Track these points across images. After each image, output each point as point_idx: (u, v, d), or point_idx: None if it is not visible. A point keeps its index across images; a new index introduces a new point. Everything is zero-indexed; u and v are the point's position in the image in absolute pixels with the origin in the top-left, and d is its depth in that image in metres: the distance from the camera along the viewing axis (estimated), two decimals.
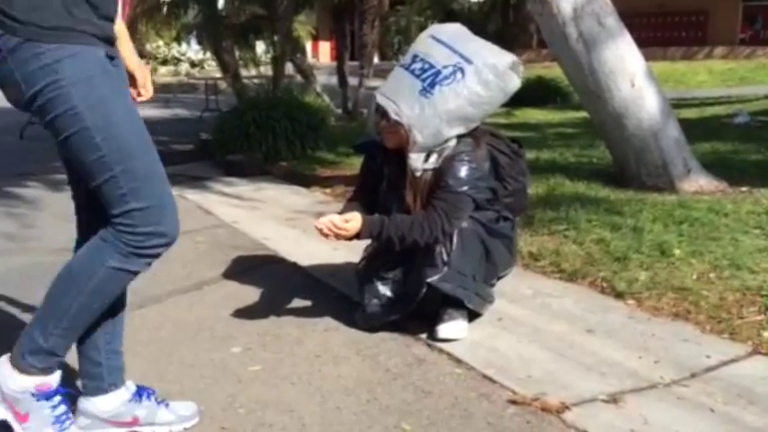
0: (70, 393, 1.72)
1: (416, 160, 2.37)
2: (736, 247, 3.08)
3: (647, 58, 4.41)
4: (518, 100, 12.52)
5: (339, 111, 10.10)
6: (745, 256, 2.96)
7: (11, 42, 1.40)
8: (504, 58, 2.41)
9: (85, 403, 1.74)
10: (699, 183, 4.24)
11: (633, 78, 4.14)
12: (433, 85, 2.33)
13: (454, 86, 2.32)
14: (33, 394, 1.59)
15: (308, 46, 26.87)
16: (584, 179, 4.58)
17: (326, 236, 2.29)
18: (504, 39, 12.38)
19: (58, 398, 1.63)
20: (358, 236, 2.32)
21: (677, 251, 3.08)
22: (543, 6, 4.16)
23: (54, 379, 1.62)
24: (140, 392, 1.80)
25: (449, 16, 14.13)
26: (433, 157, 2.38)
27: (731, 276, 2.78)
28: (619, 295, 2.73)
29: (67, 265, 1.58)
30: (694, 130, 6.77)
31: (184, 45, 21.11)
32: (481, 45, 2.48)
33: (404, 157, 2.39)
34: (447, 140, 2.37)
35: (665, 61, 19.55)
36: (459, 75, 2.34)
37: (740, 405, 1.90)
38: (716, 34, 22.47)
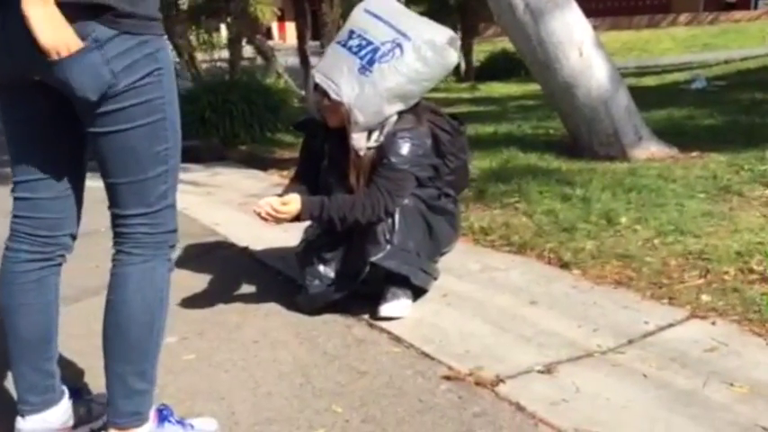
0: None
1: (359, 140, 2.34)
2: (681, 213, 3.10)
3: (613, 27, 4.45)
4: (484, 74, 12.65)
5: (302, 92, 9.99)
6: (689, 221, 2.98)
7: (108, 33, 1.33)
8: (441, 33, 2.39)
9: (32, 422, 1.58)
10: (650, 150, 4.26)
11: (581, 47, 4.13)
12: (371, 62, 2.29)
13: (393, 63, 2.29)
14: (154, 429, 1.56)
15: (275, 27, 26.54)
16: (539, 151, 4.58)
17: (265, 220, 2.25)
18: (467, 12, 12.35)
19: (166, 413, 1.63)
20: (298, 218, 2.29)
21: (623, 219, 3.09)
22: None
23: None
24: (75, 392, 1.72)
25: None
26: (375, 135, 2.35)
27: (675, 242, 2.80)
28: (564, 265, 2.73)
29: (125, 311, 1.48)
30: (652, 97, 6.82)
31: None
32: (417, 20, 2.45)
33: (345, 134, 2.35)
34: (388, 118, 2.34)
35: (631, 30, 19.64)
36: (397, 51, 2.30)
37: (673, 369, 1.91)
38: (679, 1, 22.60)
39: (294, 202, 2.26)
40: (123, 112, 1.39)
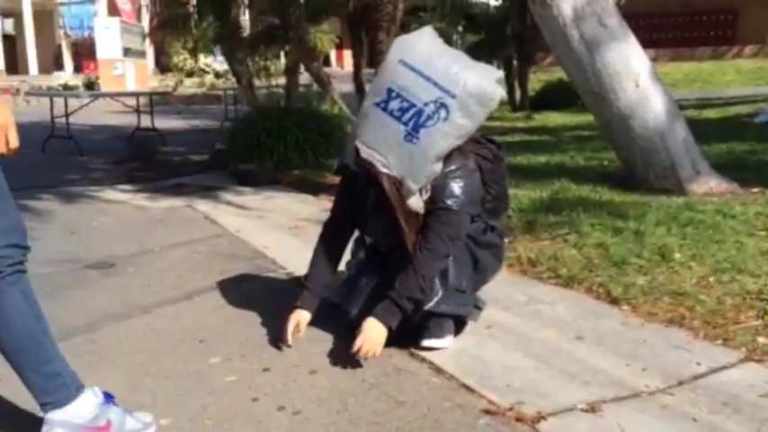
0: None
1: (416, 203, 2.23)
2: (739, 250, 2.99)
3: (675, 58, 4.37)
4: (539, 103, 12.55)
5: (354, 118, 10.09)
6: (747, 260, 2.87)
7: None
8: (487, 78, 2.20)
9: (57, 415, 1.68)
10: (709, 184, 4.13)
11: (638, 79, 4.06)
12: (416, 128, 2.13)
13: (440, 126, 2.13)
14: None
15: (333, 54, 27.02)
16: (592, 182, 4.50)
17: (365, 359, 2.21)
18: (524, 41, 12.30)
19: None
20: (390, 328, 2.23)
21: (678, 255, 3.00)
22: (544, 8, 4.10)
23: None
24: (107, 397, 1.78)
25: (469, 21, 14.08)
26: (428, 187, 2.24)
27: (731, 280, 2.70)
28: (614, 301, 2.66)
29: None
30: (713, 130, 6.64)
31: (210, 57, 21.37)
32: (459, 65, 2.20)
33: None
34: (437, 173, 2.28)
35: (693, 61, 19.24)
36: (443, 113, 2.13)
37: (725, 414, 1.83)
38: (745, 33, 22.04)
39: (379, 333, 2.20)
40: None
